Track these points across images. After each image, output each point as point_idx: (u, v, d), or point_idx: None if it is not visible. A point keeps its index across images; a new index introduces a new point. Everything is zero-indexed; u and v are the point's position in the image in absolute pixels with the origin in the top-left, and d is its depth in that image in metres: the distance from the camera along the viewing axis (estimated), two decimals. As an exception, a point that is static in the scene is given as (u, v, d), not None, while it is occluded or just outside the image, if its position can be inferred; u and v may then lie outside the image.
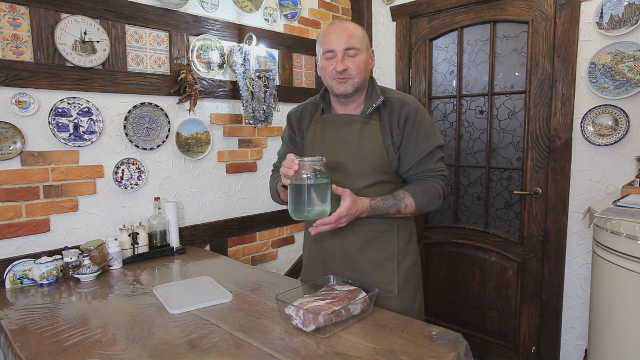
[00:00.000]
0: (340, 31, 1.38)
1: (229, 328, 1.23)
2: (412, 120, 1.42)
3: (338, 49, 1.37)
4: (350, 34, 1.38)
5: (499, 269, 2.59)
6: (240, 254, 2.53)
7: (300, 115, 1.59)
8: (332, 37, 1.39)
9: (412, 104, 1.44)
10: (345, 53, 1.38)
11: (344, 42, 1.37)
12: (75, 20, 1.80)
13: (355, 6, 3.07)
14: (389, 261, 1.49)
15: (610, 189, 2.14)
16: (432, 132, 1.44)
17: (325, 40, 1.40)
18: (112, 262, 1.81)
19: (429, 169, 1.44)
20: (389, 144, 1.43)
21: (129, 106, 1.99)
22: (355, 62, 1.38)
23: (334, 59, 1.39)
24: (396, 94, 1.49)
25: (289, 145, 1.64)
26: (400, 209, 1.39)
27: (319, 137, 1.51)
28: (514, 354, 2.58)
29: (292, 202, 1.29)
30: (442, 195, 1.46)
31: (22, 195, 1.72)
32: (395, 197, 1.40)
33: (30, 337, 1.21)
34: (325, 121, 1.52)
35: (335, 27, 1.40)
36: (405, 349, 1.09)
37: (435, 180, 1.44)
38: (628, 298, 1.49)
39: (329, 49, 1.39)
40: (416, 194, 1.41)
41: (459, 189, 2.75)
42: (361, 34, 1.41)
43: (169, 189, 2.19)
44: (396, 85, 2.93)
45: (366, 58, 1.41)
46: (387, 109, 1.45)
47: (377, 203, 1.37)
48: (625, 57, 2.03)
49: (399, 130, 1.43)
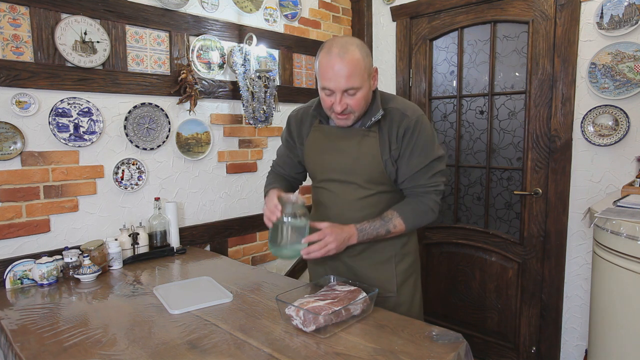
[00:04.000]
0: (339, 69, 1.27)
1: (229, 328, 1.23)
2: (411, 133, 1.37)
3: (336, 89, 1.29)
4: (350, 73, 1.27)
5: (499, 269, 2.59)
6: (240, 254, 2.53)
7: (300, 120, 1.56)
8: (330, 74, 1.29)
9: (411, 115, 1.38)
10: (344, 93, 1.31)
11: (343, 82, 1.28)
12: (75, 20, 1.80)
13: (355, 6, 3.07)
14: (387, 263, 1.51)
15: (610, 189, 2.14)
16: (430, 145, 1.39)
17: (323, 75, 1.31)
18: (112, 262, 1.81)
19: (422, 184, 1.41)
20: (387, 157, 1.40)
21: (129, 106, 1.99)
22: (355, 100, 1.32)
23: (332, 95, 1.32)
24: (397, 103, 1.43)
25: (286, 151, 1.63)
26: (389, 229, 1.41)
27: (318, 145, 1.50)
28: (514, 354, 2.58)
29: (270, 239, 1.37)
30: (434, 210, 1.43)
31: (22, 195, 1.72)
32: (383, 219, 1.41)
33: (30, 337, 1.21)
34: (323, 130, 1.50)
35: (333, 62, 1.27)
36: (405, 349, 1.09)
37: (427, 196, 1.42)
38: (628, 298, 1.49)
39: (326, 86, 1.31)
40: (405, 213, 1.41)
41: (459, 189, 2.75)
42: (362, 66, 1.29)
43: (169, 189, 2.19)
44: (396, 85, 2.93)
45: (367, 90, 1.33)
46: (387, 120, 1.40)
47: (364, 226, 1.40)
48: (625, 57, 2.03)
49: (397, 143, 1.39)
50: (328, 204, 1.52)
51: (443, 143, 2.79)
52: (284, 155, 1.66)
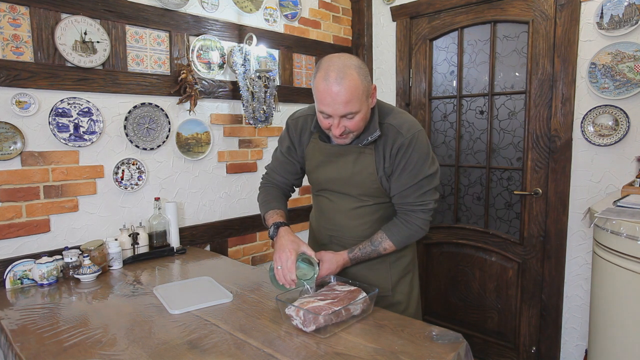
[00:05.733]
0: (337, 96, 1.23)
1: (229, 328, 1.23)
2: (404, 151, 1.36)
3: (334, 115, 1.27)
4: (348, 99, 1.23)
5: (499, 269, 2.59)
6: (240, 254, 2.53)
7: (300, 131, 1.53)
8: (327, 100, 1.25)
9: (406, 134, 1.36)
10: (342, 118, 1.28)
11: (341, 108, 1.25)
12: (75, 20, 1.80)
13: (355, 6, 3.07)
14: (382, 263, 1.53)
15: (610, 189, 2.14)
16: (421, 163, 1.37)
17: (321, 100, 1.27)
18: (112, 262, 1.81)
19: (410, 202, 1.41)
20: (382, 174, 1.40)
21: (129, 106, 1.99)
22: (353, 122, 1.29)
23: (330, 118, 1.30)
24: (395, 119, 1.39)
25: (286, 157, 1.59)
26: (380, 252, 1.46)
27: (315, 158, 1.50)
28: (514, 354, 2.58)
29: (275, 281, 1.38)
30: (423, 227, 1.43)
31: (22, 195, 1.72)
32: (372, 243, 1.45)
33: (30, 337, 1.21)
34: (320, 145, 1.48)
35: (331, 88, 1.23)
36: (405, 349, 1.09)
37: (415, 214, 1.42)
38: (628, 298, 1.49)
39: (324, 111, 1.28)
40: (393, 235, 1.43)
41: (459, 189, 2.75)
42: (360, 89, 1.25)
43: (169, 189, 2.19)
44: (396, 85, 2.93)
45: (365, 111, 1.30)
46: (382, 136, 1.39)
47: (355, 254, 1.45)
48: (625, 57, 2.03)
49: (390, 160, 1.39)
50: (327, 211, 1.55)
51: (443, 143, 2.80)
52: (283, 161, 1.61)
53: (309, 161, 1.54)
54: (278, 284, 1.37)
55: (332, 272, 1.42)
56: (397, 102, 2.93)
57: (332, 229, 1.55)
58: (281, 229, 1.42)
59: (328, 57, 1.29)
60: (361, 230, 1.49)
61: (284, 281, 1.31)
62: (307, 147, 1.53)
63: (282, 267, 1.31)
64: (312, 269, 1.37)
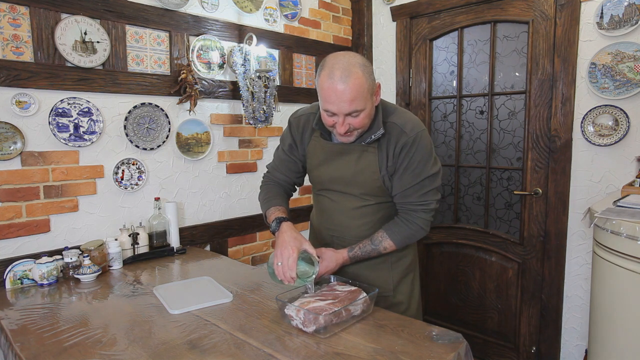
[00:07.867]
0: (342, 94, 1.23)
1: (229, 328, 1.23)
2: (407, 150, 1.36)
3: (339, 113, 1.27)
4: (353, 98, 1.23)
5: (499, 269, 2.59)
6: (240, 254, 2.53)
7: (302, 129, 1.53)
8: (332, 98, 1.25)
9: (409, 133, 1.36)
10: (346, 116, 1.28)
11: (346, 107, 1.25)
12: (75, 20, 1.80)
13: (355, 6, 3.07)
14: (383, 263, 1.53)
15: (610, 189, 2.14)
16: (424, 163, 1.38)
17: (326, 99, 1.27)
18: (112, 262, 1.81)
19: (412, 201, 1.41)
20: (384, 173, 1.40)
21: (129, 106, 1.99)
22: (358, 120, 1.29)
23: (334, 116, 1.30)
24: (399, 118, 1.39)
25: (288, 155, 1.59)
26: (380, 251, 1.45)
27: (317, 156, 1.50)
28: (514, 354, 2.58)
29: (274, 276, 1.37)
30: (424, 227, 1.44)
31: (22, 195, 1.72)
32: (373, 242, 1.44)
33: (30, 337, 1.21)
34: (322, 144, 1.48)
35: (336, 86, 1.23)
36: (405, 349, 1.09)
37: (416, 214, 1.42)
38: (628, 298, 1.49)
39: (329, 109, 1.28)
40: (394, 234, 1.43)
41: (459, 189, 2.75)
42: (365, 87, 1.25)
43: (169, 189, 2.19)
44: (396, 85, 2.93)
45: (370, 109, 1.31)
46: (386, 135, 1.38)
47: (355, 253, 1.44)
48: (625, 57, 2.03)
49: (393, 159, 1.39)
50: (329, 211, 1.55)
51: (443, 143, 2.80)
52: (285, 159, 1.61)
53: (310, 159, 1.53)
54: (277, 279, 1.37)
55: (331, 271, 1.42)
56: (397, 102, 2.93)
57: (334, 229, 1.54)
58: (283, 224, 1.41)
59: (332, 55, 1.29)
60: (363, 230, 1.49)
61: (283, 278, 1.31)
62: (309, 145, 1.53)
63: (282, 264, 1.30)
64: (312, 267, 1.37)
